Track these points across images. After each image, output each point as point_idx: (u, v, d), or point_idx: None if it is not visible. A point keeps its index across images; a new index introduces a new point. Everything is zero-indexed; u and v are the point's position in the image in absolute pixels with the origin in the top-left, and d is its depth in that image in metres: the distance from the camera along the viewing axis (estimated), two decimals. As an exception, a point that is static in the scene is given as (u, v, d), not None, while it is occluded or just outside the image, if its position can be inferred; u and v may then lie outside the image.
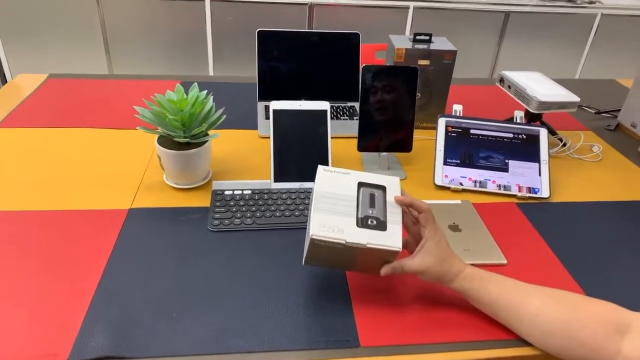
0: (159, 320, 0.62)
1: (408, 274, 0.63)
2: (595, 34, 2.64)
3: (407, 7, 2.46)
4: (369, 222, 0.61)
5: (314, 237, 0.59)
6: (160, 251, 0.73)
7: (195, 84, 0.86)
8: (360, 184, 0.65)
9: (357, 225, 0.61)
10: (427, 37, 1.09)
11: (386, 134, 0.96)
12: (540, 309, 0.59)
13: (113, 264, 0.70)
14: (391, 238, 0.60)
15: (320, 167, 0.67)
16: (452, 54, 1.06)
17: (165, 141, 0.85)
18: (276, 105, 0.90)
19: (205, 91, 0.85)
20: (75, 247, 0.73)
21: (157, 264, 0.71)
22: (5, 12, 2.28)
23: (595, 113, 1.28)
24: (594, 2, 2.59)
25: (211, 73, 2.53)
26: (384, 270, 0.63)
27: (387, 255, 0.61)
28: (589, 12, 2.57)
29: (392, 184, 0.66)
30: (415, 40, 1.10)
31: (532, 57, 2.67)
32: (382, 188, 0.65)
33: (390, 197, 0.65)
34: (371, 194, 0.65)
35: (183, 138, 0.82)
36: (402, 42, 1.09)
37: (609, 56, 2.71)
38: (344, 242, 0.59)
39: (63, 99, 1.19)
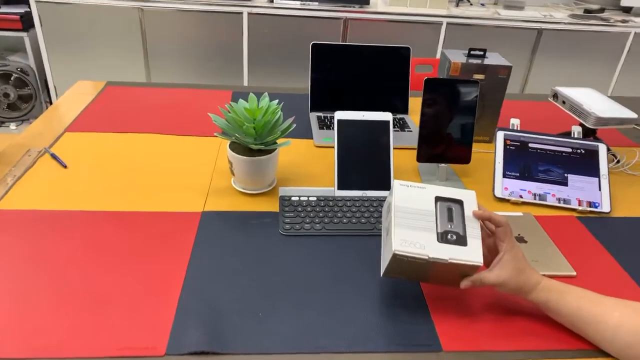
0: (246, 319, 0.64)
1: (486, 286, 0.65)
2: (627, 53, 2.64)
3: (440, 23, 2.49)
4: (449, 237, 0.63)
5: (396, 252, 0.61)
6: (237, 252, 0.76)
7: (266, 93, 0.89)
8: (438, 198, 0.67)
9: (438, 240, 0.62)
10: (482, 52, 1.12)
11: (445, 145, 0.98)
12: (621, 321, 0.60)
13: (195, 263, 0.73)
14: (472, 253, 0.62)
15: (396, 182, 0.68)
16: (507, 69, 1.08)
17: (236, 147, 0.88)
18: (341, 115, 0.93)
19: (277, 100, 0.89)
20: (158, 246, 0.76)
21: (236, 265, 0.73)
22: (50, 21, 2.36)
23: (643, 130, 1.29)
24: (627, 22, 2.60)
25: (245, 84, 2.58)
26: (464, 283, 0.64)
27: (467, 270, 0.63)
28: (622, 30, 2.58)
29: (469, 198, 0.67)
30: (469, 55, 1.12)
31: (563, 74, 2.67)
32: (459, 202, 0.67)
33: (467, 211, 0.66)
34: (449, 208, 0.66)
35: (256, 145, 0.85)
36: (457, 56, 1.12)
37: (641, 75, 2.70)
38: (426, 257, 0.61)
39: (124, 106, 1.23)
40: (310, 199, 0.88)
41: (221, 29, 2.44)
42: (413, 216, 0.64)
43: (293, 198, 0.88)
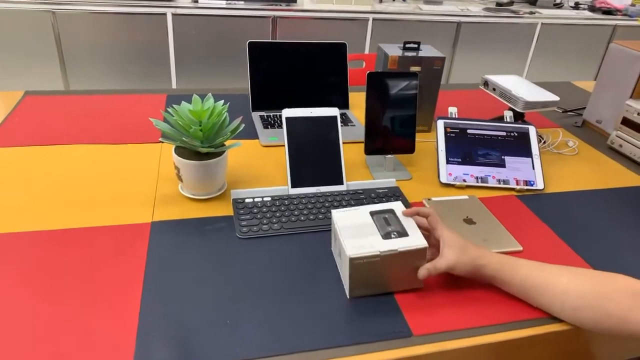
0: (213, 328, 0.61)
1: (442, 271, 0.68)
2: (537, 41, 2.86)
3: (367, 19, 2.55)
4: (392, 235, 0.69)
5: (351, 256, 0.64)
6: (195, 261, 0.73)
7: (210, 94, 0.86)
8: (372, 212, 0.74)
9: (383, 239, 0.68)
10: (416, 45, 1.16)
11: (390, 137, 1.00)
12: (569, 285, 0.65)
13: (151, 277, 0.69)
14: (416, 240, 0.68)
15: (333, 211, 0.74)
16: (442, 60, 1.13)
17: (183, 152, 0.84)
18: (288, 112, 0.92)
19: (222, 101, 0.86)
20: (107, 264, 0.71)
21: (195, 274, 0.70)
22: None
23: (562, 112, 1.40)
24: (534, 13, 2.82)
25: (174, 86, 2.49)
26: (421, 273, 0.68)
27: (417, 256, 0.68)
28: (531, 21, 2.79)
29: (397, 206, 0.76)
30: (405, 48, 1.15)
31: (482, 63, 2.84)
32: (391, 211, 0.74)
33: (399, 215, 0.73)
34: (384, 217, 0.73)
35: (205, 148, 0.82)
36: (393, 50, 1.15)
37: (549, 61, 2.94)
38: (378, 252, 0.65)
39: (48, 116, 1.14)
40: (265, 199, 0.87)
41: (143, 31, 2.33)
42: (356, 230, 0.70)
43: (247, 200, 0.86)
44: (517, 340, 0.65)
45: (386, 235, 0.68)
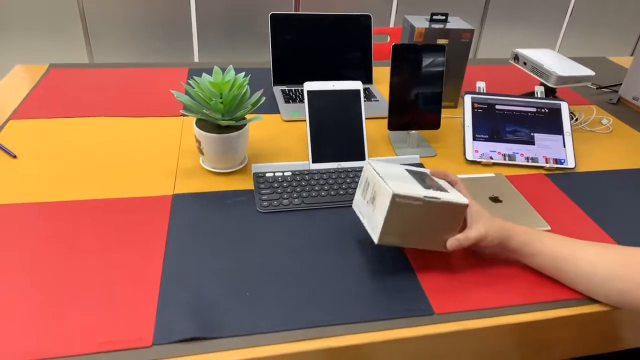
0: (233, 300, 0.62)
1: (472, 243, 0.65)
2: (570, 15, 2.73)
3: (392, -9, 2.47)
4: (433, 189, 0.66)
5: (395, 192, 0.61)
6: (215, 234, 0.73)
7: (231, 66, 0.85)
8: (407, 169, 0.72)
9: (425, 188, 0.65)
10: (444, 17, 1.11)
11: (415, 112, 0.97)
12: (597, 257, 0.63)
13: (171, 249, 0.69)
14: (457, 197, 0.66)
15: (368, 160, 0.73)
16: (470, 32, 1.09)
17: (204, 125, 0.84)
18: (310, 86, 0.90)
19: (243, 73, 0.84)
20: (130, 233, 0.71)
21: (215, 246, 0.70)
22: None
23: (596, 88, 1.34)
24: (569, -16, 2.68)
25: (196, 60, 2.48)
26: (451, 242, 0.65)
27: (457, 213, 0.66)
28: (565, -7, 2.66)
29: (427, 171, 0.74)
30: (432, 20, 1.11)
31: (512, 36, 2.74)
32: (425, 172, 0.73)
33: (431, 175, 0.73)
34: (419, 174, 0.71)
35: (226, 121, 0.81)
36: (420, 22, 1.11)
37: (584, 34, 2.81)
38: (422, 197, 0.63)
39: (72, 89, 1.14)
40: (286, 174, 0.86)
41: (166, 4, 2.31)
42: (396, 176, 0.67)
43: (268, 174, 0.85)
44: (542, 322, 0.63)
45: (427, 188, 0.66)
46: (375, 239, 0.65)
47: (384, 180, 0.64)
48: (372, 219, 0.66)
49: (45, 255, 0.66)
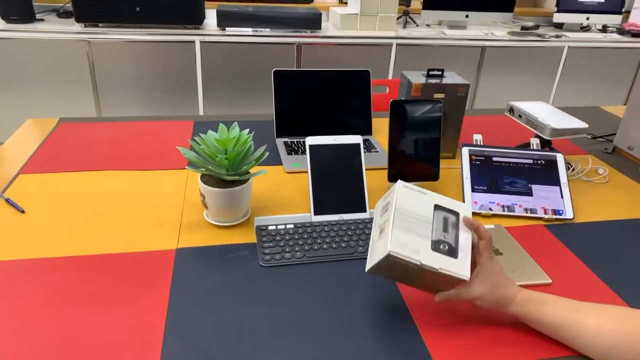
0: (236, 358, 0.61)
1: (462, 301, 0.66)
2: (563, 65, 2.82)
3: (390, 44, 2.58)
4: (442, 247, 0.64)
5: (391, 252, 0.61)
6: (218, 289, 0.73)
7: (236, 123, 0.88)
8: (437, 207, 0.68)
9: (431, 248, 0.63)
10: (440, 72, 1.16)
11: (414, 164, 1.00)
12: (599, 326, 0.63)
13: (175, 305, 0.69)
14: (461, 266, 0.63)
15: (399, 183, 0.69)
16: (465, 86, 1.13)
17: (208, 179, 0.86)
18: (312, 140, 0.93)
19: (247, 130, 0.88)
20: (133, 289, 0.72)
21: (219, 302, 0.71)
22: (-9, 57, 2.25)
23: (591, 138, 1.37)
24: (561, 37, 2.79)
25: (201, 113, 2.55)
26: (439, 297, 0.66)
27: (452, 281, 0.64)
28: (557, 45, 2.76)
29: (465, 210, 0.69)
30: (428, 75, 1.16)
31: (508, 88, 2.82)
32: (456, 214, 0.68)
33: (461, 220, 0.68)
34: (445, 217, 0.67)
35: (230, 176, 0.83)
36: (417, 77, 1.15)
37: (577, 85, 2.90)
38: (418, 263, 0.61)
39: (80, 143, 1.18)
40: (288, 226, 0.87)
41: (173, 58, 2.41)
42: (411, 220, 0.65)
43: (270, 227, 0.87)
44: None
45: (435, 245, 0.63)
46: (366, 269, 0.66)
47: (393, 224, 0.63)
48: (374, 245, 0.67)
49: (48, 313, 0.66)
